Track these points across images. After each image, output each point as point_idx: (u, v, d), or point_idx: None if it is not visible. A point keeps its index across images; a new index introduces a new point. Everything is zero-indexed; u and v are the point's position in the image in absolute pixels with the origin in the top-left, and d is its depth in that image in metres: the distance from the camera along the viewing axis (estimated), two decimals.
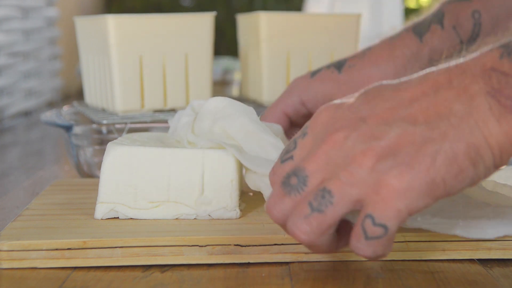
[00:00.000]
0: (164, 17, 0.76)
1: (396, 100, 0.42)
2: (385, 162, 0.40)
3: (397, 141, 0.41)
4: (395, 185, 0.40)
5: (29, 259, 0.48)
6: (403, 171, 0.40)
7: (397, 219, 0.40)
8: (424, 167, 0.40)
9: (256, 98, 0.85)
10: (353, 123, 0.42)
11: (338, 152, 0.42)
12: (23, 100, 1.35)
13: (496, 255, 0.50)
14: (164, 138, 0.61)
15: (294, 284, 0.46)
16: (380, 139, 0.41)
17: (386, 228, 0.40)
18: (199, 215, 0.54)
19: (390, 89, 0.43)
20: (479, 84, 0.41)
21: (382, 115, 0.42)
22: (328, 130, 0.43)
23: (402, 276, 0.47)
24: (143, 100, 0.76)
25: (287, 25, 0.81)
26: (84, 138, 0.74)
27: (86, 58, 0.83)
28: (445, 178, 0.40)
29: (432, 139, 0.40)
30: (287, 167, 0.44)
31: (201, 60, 0.78)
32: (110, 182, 0.54)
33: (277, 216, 0.43)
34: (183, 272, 0.48)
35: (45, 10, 1.51)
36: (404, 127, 0.41)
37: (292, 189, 0.42)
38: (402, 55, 0.67)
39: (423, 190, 0.40)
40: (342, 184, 0.41)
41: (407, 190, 0.40)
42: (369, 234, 0.40)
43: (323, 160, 0.42)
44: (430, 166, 0.40)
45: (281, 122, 0.67)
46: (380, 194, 0.40)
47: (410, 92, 0.42)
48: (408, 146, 0.40)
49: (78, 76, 1.32)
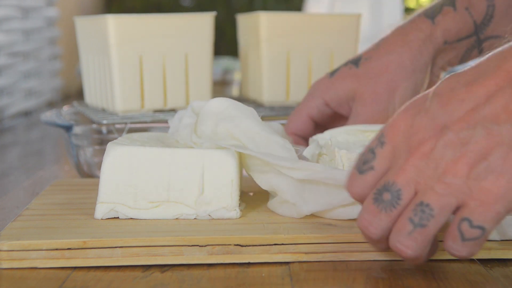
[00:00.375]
0: (164, 17, 0.76)
1: (472, 99, 0.42)
2: (478, 167, 0.41)
3: (485, 144, 0.41)
4: (494, 190, 0.41)
5: (29, 259, 0.48)
6: (499, 175, 0.41)
7: (496, 221, 0.41)
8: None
9: (256, 98, 0.85)
10: (436, 132, 0.42)
11: (427, 163, 0.42)
12: (23, 100, 1.35)
13: (496, 255, 0.50)
14: (164, 138, 0.61)
15: (294, 284, 0.46)
16: (468, 144, 0.41)
17: (484, 230, 0.41)
18: (199, 215, 0.54)
19: (461, 86, 0.43)
20: None
21: (464, 119, 0.42)
22: (411, 141, 0.43)
23: (402, 276, 0.47)
24: (143, 100, 0.76)
25: (287, 25, 0.81)
26: (84, 138, 0.74)
27: (86, 58, 0.83)
28: None
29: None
30: (370, 178, 0.44)
31: (201, 60, 0.78)
32: (110, 182, 0.54)
33: (375, 233, 0.44)
34: (183, 272, 0.48)
35: (45, 10, 1.51)
36: (489, 128, 0.41)
37: (387, 205, 0.43)
38: (415, 38, 0.67)
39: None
40: (439, 196, 0.42)
41: (505, 193, 0.40)
42: (466, 236, 0.42)
43: (413, 172, 0.42)
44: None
45: (307, 126, 0.68)
46: (478, 199, 0.41)
47: (484, 87, 0.42)
48: (498, 148, 0.41)
49: (78, 76, 1.33)
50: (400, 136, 0.44)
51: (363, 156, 0.45)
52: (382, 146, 0.44)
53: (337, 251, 0.50)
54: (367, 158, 0.45)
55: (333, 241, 0.50)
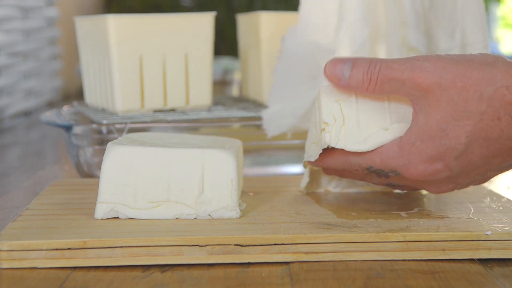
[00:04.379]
0: (164, 17, 0.76)
1: (485, 162, 0.51)
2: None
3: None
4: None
5: (29, 259, 0.48)
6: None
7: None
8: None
9: (256, 98, 0.85)
10: (451, 187, 0.54)
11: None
12: (23, 100, 1.35)
13: (496, 255, 0.50)
14: (164, 138, 0.61)
15: (294, 284, 0.46)
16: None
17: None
18: (199, 215, 0.54)
19: (478, 150, 0.50)
20: None
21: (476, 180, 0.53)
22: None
23: (402, 276, 0.47)
24: (143, 100, 0.76)
25: (287, 25, 0.81)
26: (84, 138, 0.74)
27: (86, 58, 0.82)
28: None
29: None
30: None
31: (201, 60, 0.78)
32: (110, 182, 0.54)
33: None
34: (183, 272, 0.48)
35: (45, 10, 1.51)
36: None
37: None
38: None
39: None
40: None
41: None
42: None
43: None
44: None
45: None
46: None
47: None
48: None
49: (78, 76, 1.32)
50: (422, 184, 0.54)
51: (375, 171, 0.54)
52: (396, 175, 0.53)
53: (337, 251, 0.50)
54: (379, 173, 0.54)
55: (333, 241, 0.50)
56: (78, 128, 0.73)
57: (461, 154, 0.50)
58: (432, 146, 0.50)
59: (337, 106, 0.55)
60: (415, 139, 0.51)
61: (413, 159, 0.51)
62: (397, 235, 0.50)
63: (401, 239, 0.50)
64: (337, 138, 0.54)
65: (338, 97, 0.55)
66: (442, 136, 0.50)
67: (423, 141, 0.50)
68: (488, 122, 0.49)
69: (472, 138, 0.49)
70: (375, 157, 0.53)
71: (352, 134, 0.54)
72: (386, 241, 0.50)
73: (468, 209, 0.57)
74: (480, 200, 0.60)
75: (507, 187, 0.74)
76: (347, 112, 0.55)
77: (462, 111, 0.49)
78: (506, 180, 0.78)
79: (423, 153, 0.51)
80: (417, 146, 0.51)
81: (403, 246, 0.50)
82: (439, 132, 0.50)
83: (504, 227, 0.52)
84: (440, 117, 0.50)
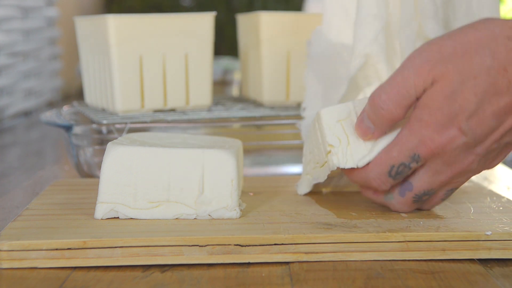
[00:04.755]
0: (164, 17, 0.76)
1: (500, 122, 0.50)
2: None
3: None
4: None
5: (29, 259, 0.48)
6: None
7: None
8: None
9: (256, 98, 0.85)
10: (472, 159, 0.52)
11: (461, 176, 0.54)
12: (23, 100, 1.35)
13: (496, 255, 0.50)
14: (164, 138, 0.61)
15: (294, 284, 0.46)
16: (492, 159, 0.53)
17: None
18: (199, 215, 0.54)
19: (489, 101, 0.49)
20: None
21: (494, 142, 0.51)
22: (450, 165, 0.52)
23: (402, 276, 0.47)
24: (143, 100, 0.76)
25: (287, 25, 0.81)
26: (84, 138, 0.74)
27: (86, 58, 0.82)
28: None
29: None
30: (409, 195, 0.55)
31: (201, 60, 0.78)
32: (110, 182, 0.54)
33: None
34: (183, 272, 0.48)
35: (45, 10, 1.51)
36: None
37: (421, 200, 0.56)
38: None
39: None
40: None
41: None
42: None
43: (449, 184, 0.55)
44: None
45: None
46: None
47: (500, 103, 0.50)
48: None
49: (78, 76, 1.32)
50: (439, 161, 0.51)
51: (397, 169, 0.52)
52: (418, 163, 0.52)
53: (337, 251, 0.50)
54: (403, 170, 0.52)
55: (333, 241, 0.50)
56: (78, 128, 0.73)
57: (472, 114, 0.49)
58: (441, 114, 0.50)
59: (339, 126, 0.55)
60: (421, 115, 0.50)
61: (425, 133, 0.50)
62: (397, 235, 0.50)
63: (401, 239, 0.50)
64: (345, 159, 0.54)
65: (339, 117, 0.55)
66: (450, 103, 0.49)
67: (431, 114, 0.50)
68: (495, 76, 0.48)
69: (482, 95, 0.49)
70: (390, 151, 0.52)
71: (358, 151, 0.54)
72: (386, 241, 0.50)
73: (468, 209, 0.57)
74: (480, 200, 0.60)
75: (507, 187, 0.74)
76: (349, 130, 0.55)
77: (468, 72, 0.49)
78: (506, 180, 0.78)
79: (433, 123, 0.50)
80: (426, 120, 0.50)
81: (403, 246, 0.50)
82: (446, 100, 0.49)
83: (504, 227, 0.52)
84: (445, 86, 0.49)
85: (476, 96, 0.49)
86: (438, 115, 0.50)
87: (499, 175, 0.81)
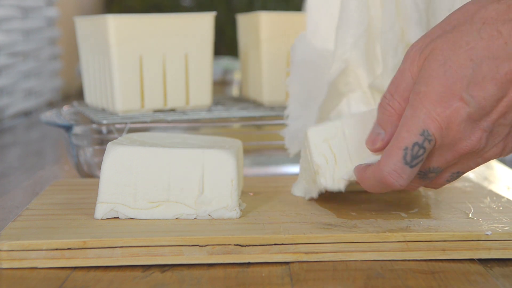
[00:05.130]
0: (164, 17, 0.76)
1: (503, 91, 0.48)
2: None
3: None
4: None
5: (29, 259, 0.48)
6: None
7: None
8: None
9: (256, 98, 0.85)
10: (479, 135, 0.49)
11: (472, 155, 0.51)
12: (23, 100, 1.35)
13: (496, 255, 0.50)
14: (164, 138, 0.61)
15: (294, 284, 0.46)
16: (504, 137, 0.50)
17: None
18: (199, 215, 0.54)
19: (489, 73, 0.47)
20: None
21: (500, 116, 0.49)
22: (458, 142, 0.50)
23: (402, 276, 0.47)
24: (143, 100, 0.76)
25: (287, 25, 0.81)
26: (84, 138, 0.74)
27: (86, 58, 0.82)
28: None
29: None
30: (417, 169, 0.51)
31: (201, 60, 0.78)
32: (110, 182, 0.54)
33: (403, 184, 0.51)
34: (183, 272, 0.48)
35: (45, 10, 1.51)
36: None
37: (429, 179, 0.53)
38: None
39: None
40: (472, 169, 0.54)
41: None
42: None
43: (459, 163, 0.52)
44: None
45: None
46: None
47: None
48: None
49: (78, 76, 1.32)
50: (449, 137, 0.49)
51: (412, 151, 0.49)
52: (430, 142, 0.49)
53: (337, 251, 0.50)
54: (418, 153, 0.49)
55: (333, 241, 0.50)
56: (78, 128, 0.73)
57: (471, 81, 0.47)
58: (438, 84, 0.48)
59: (326, 146, 0.55)
60: (419, 88, 0.49)
61: (428, 106, 0.48)
62: (397, 235, 0.50)
63: (401, 239, 0.50)
64: (332, 180, 0.55)
65: (325, 136, 0.55)
66: (445, 70, 0.48)
67: (428, 84, 0.48)
68: (489, 39, 0.47)
69: (478, 60, 0.47)
70: (399, 135, 0.50)
71: (346, 170, 0.54)
72: (386, 241, 0.50)
73: (468, 209, 0.57)
74: (480, 200, 0.60)
75: (507, 187, 0.74)
76: (337, 149, 0.55)
77: (460, 40, 0.48)
78: (506, 180, 0.78)
79: (433, 94, 0.48)
80: (424, 91, 0.48)
81: (403, 246, 0.50)
82: (440, 68, 0.48)
83: (504, 227, 0.52)
84: (437, 55, 0.48)
85: (472, 61, 0.47)
86: (435, 85, 0.48)
87: (499, 175, 0.81)
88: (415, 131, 0.49)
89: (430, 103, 0.48)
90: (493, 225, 0.52)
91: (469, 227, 0.52)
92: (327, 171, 0.54)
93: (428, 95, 0.48)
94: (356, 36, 0.66)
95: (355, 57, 0.66)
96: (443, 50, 0.48)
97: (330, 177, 0.54)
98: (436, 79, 0.48)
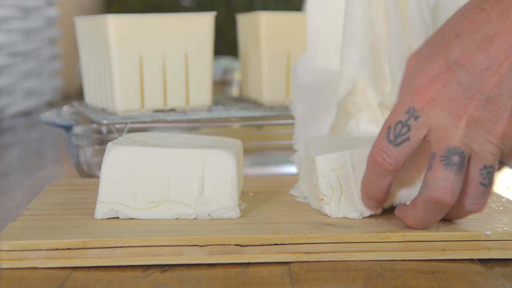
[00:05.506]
0: (164, 17, 0.76)
1: (495, 63, 0.47)
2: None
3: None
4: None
5: (29, 259, 0.48)
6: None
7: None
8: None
9: (256, 98, 0.85)
10: (474, 99, 0.48)
11: (475, 128, 0.48)
12: (23, 100, 1.35)
13: (496, 255, 0.50)
14: (164, 138, 0.61)
15: (294, 284, 0.46)
16: (503, 107, 0.48)
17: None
18: (199, 215, 0.54)
19: (477, 49, 0.47)
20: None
21: (494, 84, 0.47)
22: (452, 111, 0.48)
23: (402, 276, 0.47)
24: (143, 100, 0.76)
25: (287, 25, 0.81)
26: (84, 138, 0.74)
27: (86, 58, 0.83)
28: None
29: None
30: (406, 148, 0.50)
31: (201, 60, 0.78)
32: (110, 182, 0.54)
33: (452, 198, 0.49)
34: (183, 272, 0.48)
35: (45, 10, 1.51)
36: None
37: (458, 166, 0.48)
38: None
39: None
40: (494, 156, 0.48)
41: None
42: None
43: (466, 137, 0.48)
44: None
45: None
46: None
47: (498, 45, 0.47)
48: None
49: (78, 76, 1.32)
50: (438, 109, 0.48)
51: (394, 130, 0.49)
52: (416, 119, 0.49)
53: (337, 251, 0.50)
54: (401, 131, 0.49)
55: (333, 241, 0.50)
56: (78, 128, 0.73)
57: (455, 47, 0.48)
58: (425, 62, 0.49)
59: (333, 176, 0.55)
60: (408, 71, 0.51)
61: (414, 83, 0.49)
62: (397, 235, 0.50)
63: (401, 239, 0.50)
64: (336, 210, 0.55)
65: (334, 166, 0.55)
66: (433, 51, 0.49)
67: (417, 66, 0.50)
68: (472, 16, 0.48)
69: (462, 35, 0.48)
70: (387, 117, 0.50)
71: (351, 203, 0.55)
72: (386, 241, 0.50)
73: None
74: None
75: (507, 187, 0.74)
76: (344, 181, 0.55)
77: (445, 25, 0.50)
78: (506, 180, 0.78)
79: (419, 73, 0.49)
80: (413, 73, 0.50)
81: (403, 246, 0.50)
82: (429, 50, 0.49)
83: (504, 227, 0.52)
84: (429, 43, 0.50)
85: (457, 35, 0.48)
86: (423, 64, 0.49)
87: (499, 175, 0.81)
88: (400, 111, 0.49)
89: (417, 79, 0.49)
90: (493, 225, 0.52)
91: (469, 227, 0.52)
92: (333, 201, 0.55)
93: (416, 74, 0.49)
94: (362, 55, 0.66)
95: (363, 77, 0.66)
96: (433, 38, 0.50)
97: (335, 207, 0.55)
98: (425, 59, 0.49)
